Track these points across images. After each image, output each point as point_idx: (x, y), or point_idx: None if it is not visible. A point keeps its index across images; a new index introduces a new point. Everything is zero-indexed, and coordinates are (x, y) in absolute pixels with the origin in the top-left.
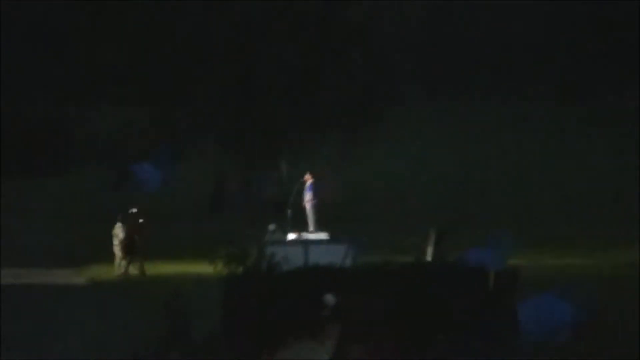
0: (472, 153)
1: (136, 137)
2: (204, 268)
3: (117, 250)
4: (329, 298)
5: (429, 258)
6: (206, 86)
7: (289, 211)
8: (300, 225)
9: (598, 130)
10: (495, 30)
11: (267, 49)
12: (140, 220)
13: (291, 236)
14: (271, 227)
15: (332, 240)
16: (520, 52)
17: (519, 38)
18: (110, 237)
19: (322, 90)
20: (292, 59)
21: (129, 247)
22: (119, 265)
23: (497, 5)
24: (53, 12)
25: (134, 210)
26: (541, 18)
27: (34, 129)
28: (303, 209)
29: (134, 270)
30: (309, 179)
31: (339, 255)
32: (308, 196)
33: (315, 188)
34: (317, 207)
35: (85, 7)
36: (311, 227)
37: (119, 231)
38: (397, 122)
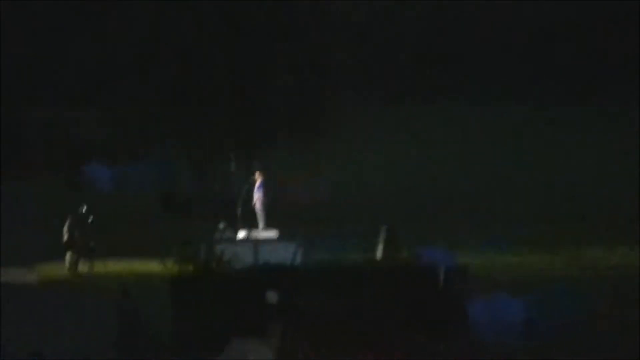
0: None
1: (91, 138)
2: (154, 267)
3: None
4: (272, 295)
5: (378, 256)
6: (156, 86)
7: (239, 210)
8: (250, 223)
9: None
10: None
11: (217, 49)
12: (90, 219)
13: (241, 234)
14: (221, 225)
15: (282, 238)
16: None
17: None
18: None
19: (273, 92)
20: (244, 58)
21: (69, 244)
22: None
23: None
24: None
25: (84, 209)
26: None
27: None
28: (253, 208)
29: (83, 268)
30: (259, 178)
31: (288, 254)
32: (258, 195)
33: (265, 187)
34: (267, 206)
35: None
36: (261, 226)
37: (65, 230)
38: (348, 124)
